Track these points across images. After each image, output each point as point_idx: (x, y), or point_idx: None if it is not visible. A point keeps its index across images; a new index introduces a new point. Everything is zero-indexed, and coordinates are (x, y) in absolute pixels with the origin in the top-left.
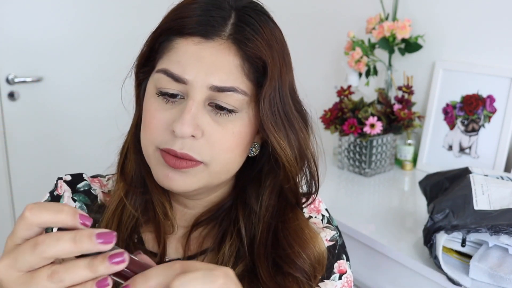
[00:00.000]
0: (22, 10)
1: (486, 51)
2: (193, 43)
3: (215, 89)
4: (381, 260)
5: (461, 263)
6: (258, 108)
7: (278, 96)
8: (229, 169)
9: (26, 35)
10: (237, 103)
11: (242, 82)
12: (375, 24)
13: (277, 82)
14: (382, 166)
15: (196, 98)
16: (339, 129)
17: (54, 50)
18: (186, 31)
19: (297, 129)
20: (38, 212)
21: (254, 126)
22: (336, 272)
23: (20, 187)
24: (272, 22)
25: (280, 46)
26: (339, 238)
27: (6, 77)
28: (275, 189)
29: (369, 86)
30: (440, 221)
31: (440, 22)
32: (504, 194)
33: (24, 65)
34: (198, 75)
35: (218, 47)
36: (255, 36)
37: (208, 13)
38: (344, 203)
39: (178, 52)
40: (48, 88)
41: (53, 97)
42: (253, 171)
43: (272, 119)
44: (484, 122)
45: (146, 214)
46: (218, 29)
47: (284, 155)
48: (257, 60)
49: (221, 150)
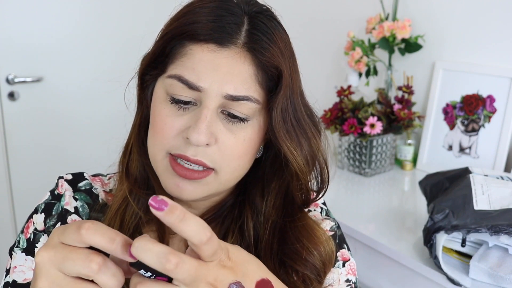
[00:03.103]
0: (22, 10)
1: (486, 51)
2: (208, 50)
3: (229, 97)
4: (381, 260)
5: (461, 263)
6: (269, 115)
7: (290, 104)
8: (237, 176)
9: (26, 35)
10: (249, 111)
11: (256, 90)
12: (375, 24)
13: (289, 89)
14: (382, 166)
15: (211, 106)
16: (339, 129)
17: (54, 50)
18: (201, 38)
19: (309, 136)
20: (93, 234)
21: (263, 132)
22: (339, 259)
23: (20, 187)
24: (281, 28)
25: (290, 52)
26: (337, 229)
27: (6, 77)
28: (282, 190)
29: (369, 86)
30: (440, 221)
31: (440, 22)
32: (504, 194)
33: (24, 65)
34: (213, 83)
35: (233, 56)
36: (270, 45)
37: (222, 19)
38: (344, 203)
39: (192, 59)
40: (48, 88)
41: (53, 97)
42: (257, 171)
43: (284, 127)
44: (484, 122)
45: (149, 214)
46: (233, 36)
47: (296, 163)
48: (272, 69)
49: (232, 157)
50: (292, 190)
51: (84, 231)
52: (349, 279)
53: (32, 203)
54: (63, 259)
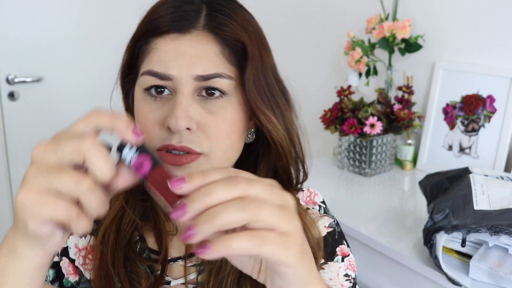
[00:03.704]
0: (22, 10)
1: (486, 51)
2: (171, 39)
3: (201, 78)
4: (381, 260)
5: (461, 263)
6: (244, 89)
7: (262, 76)
8: (229, 157)
9: (26, 35)
10: (224, 87)
11: (226, 67)
12: (375, 24)
13: (258, 62)
14: (382, 166)
15: (185, 91)
16: (339, 129)
17: (54, 50)
18: (162, 30)
19: (282, 109)
20: (99, 114)
21: (246, 110)
22: (339, 254)
23: None
24: (243, 9)
25: (255, 29)
26: (336, 226)
27: (6, 77)
28: (270, 171)
29: (369, 86)
30: (440, 221)
31: (440, 22)
32: (504, 194)
33: (24, 65)
34: (181, 69)
35: (195, 39)
36: (228, 21)
37: (180, 9)
38: (344, 203)
39: (158, 52)
40: (48, 88)
41: (53, 97)
42: (250, 157)
43: (259, 98)
44: (484, 122)
45: (145, 219)
46: (192, 21)
47: (275, 131)
48: (235, 43)
49: (218, 138)
50: (280, 172)
51: (93, 111)
52: (348, 274)
53: None
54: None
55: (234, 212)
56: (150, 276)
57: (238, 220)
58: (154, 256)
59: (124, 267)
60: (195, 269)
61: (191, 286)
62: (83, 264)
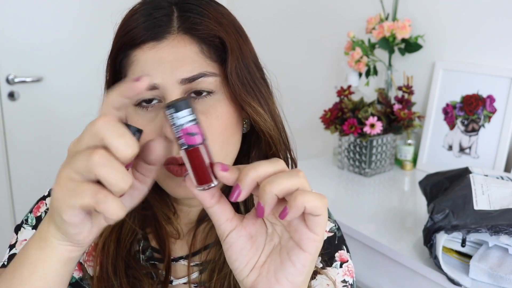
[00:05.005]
0: (22, 11)
1: (486, 51)
2: (149, 49)
3: (186, 81)
4: (381, 260)
5: (461, 263)
6: (229, 82)
7: (243, 66)
8: (227, 152)
9: (26, 36)
10: (211, 85)
11: (208, 65)
12: (375, 24)
13: (238, 54)
14: (382, 166)
15: (172, 97)
16: (339, 129)
17: (54, 50)
18: (138, 41)
19: (265, 97)
20: (113, 94)
21: (235, 103)
22: (337, 260)
23: (20, 187)
24: (214, 2)
25: (230, 20)
26: (337, 230)
27: (6, 77)
28: (262, 159)
29: (369, 86)
30: (440, 221)
31: (440, 22)
32: (504, 194)
33: (24, 65)
34: (164, 76)
35: (172, 43)
36: (201, 18)
37: (151, 16)
38: (344, 203)
39: (139, 64)
40: (48, 88)
41: (53, 97)
42: (243, 148)
43: (244, 89)
44: (484, 122)
45: (145, 228)
46: (166, 27)
47: (263, 122)
48: (212, 39)
49: (213, 135)
50: (267, 154)
51: (110, 93)
52: (346, 280)
53: (32, 202)
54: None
55: (287, 178)
56: (153, 282)
57: (292, 185)
58: (156, 255)
59: (126, 276)
60: (197, 268)
61: (193, 286)
62: (87, 260)
